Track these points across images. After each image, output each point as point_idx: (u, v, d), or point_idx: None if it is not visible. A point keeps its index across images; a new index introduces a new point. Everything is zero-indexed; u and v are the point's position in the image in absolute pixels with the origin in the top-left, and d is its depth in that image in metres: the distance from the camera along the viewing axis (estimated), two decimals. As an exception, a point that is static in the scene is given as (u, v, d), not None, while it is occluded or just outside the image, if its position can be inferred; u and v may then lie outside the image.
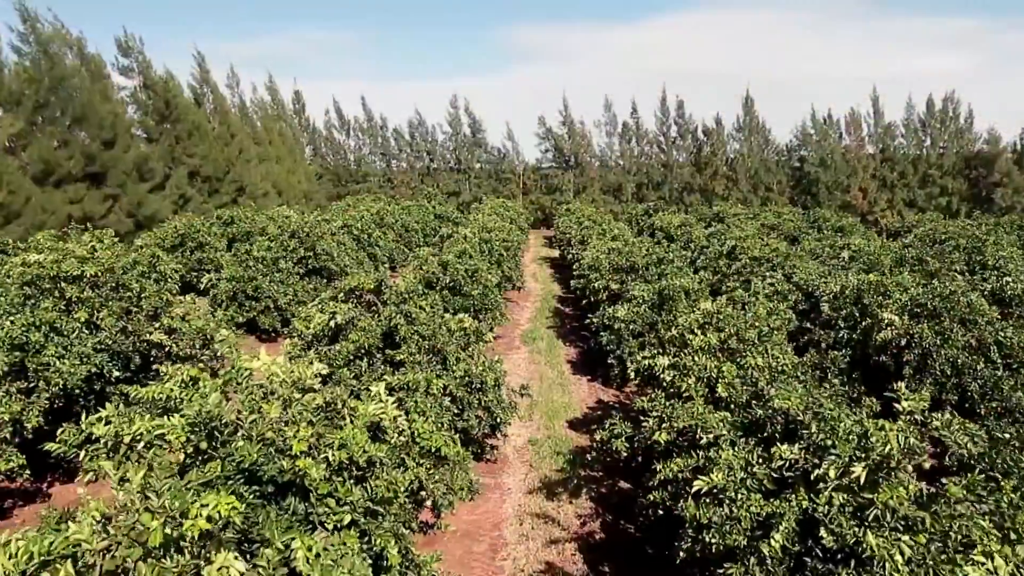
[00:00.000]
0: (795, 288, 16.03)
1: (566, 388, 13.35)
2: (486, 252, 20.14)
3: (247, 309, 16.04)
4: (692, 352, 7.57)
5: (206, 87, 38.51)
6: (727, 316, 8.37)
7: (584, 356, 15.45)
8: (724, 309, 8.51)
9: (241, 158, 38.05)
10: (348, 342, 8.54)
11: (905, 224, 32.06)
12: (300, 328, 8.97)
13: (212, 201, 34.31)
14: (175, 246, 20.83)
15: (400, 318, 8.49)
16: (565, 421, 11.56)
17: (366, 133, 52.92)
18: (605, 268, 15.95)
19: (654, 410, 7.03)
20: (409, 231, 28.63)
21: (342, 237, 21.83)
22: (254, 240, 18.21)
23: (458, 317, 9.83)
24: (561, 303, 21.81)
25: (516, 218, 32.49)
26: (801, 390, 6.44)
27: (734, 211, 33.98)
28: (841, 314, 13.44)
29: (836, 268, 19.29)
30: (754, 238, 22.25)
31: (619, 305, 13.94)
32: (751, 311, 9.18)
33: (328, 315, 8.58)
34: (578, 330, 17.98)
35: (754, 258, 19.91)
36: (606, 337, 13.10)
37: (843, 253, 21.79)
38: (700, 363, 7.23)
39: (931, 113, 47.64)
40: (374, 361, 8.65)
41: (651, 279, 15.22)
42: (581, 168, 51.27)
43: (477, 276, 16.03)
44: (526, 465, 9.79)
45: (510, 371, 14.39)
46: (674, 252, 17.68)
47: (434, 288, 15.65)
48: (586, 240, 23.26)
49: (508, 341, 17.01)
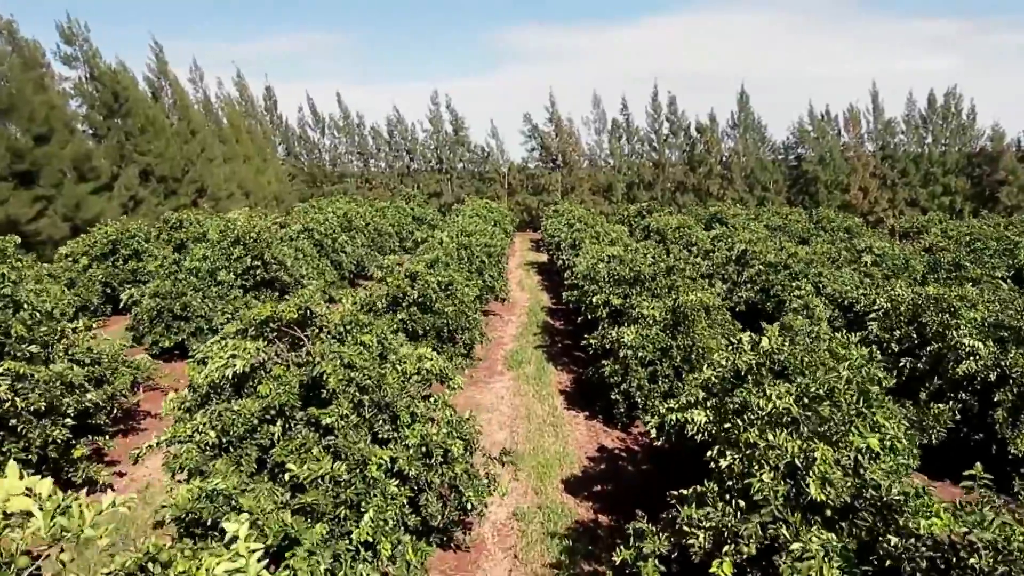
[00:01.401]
0: (828, 301, 13.62)
1: (559, 429, 10.81)
2: (465, 259, 17.58)
3: (175, 331, 13.35)
4: (757, 420, 5.06)
5: (164, 80, 35.59)
6: (796, 361, 5.88)
7: (580, 384, 12.94)
8: (788, 348, 6.01)
9: (203, 157, 35.16)
10: (253, 399, 5.95)
11: (915, 225, 29.82)
12: (193, 377, 6.36)
13: (168, 203, 31.46)
14: (105, 255, 18.10)
15: (329, 363, 5.90)
16: (560, 480, 9.02)
17: (342, 131, 50.17)
18: (603, 278, 13.45)
19: (706, 519, 4.51)
20: (382, 235, 25.99)
21: (302, 243, 19.17)
22: (188, 249, 15.51)
23: (418, 353, 7.27)
24: (551, 316, 19.29)
25: (500, 220, 29.95)
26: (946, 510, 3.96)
27: (733, 212, 31.67)
28: (895, 335, 11.03)
29: (860, 274, 16.93)
30: (766, 241, 19.92)
31: (624, 326, 11.44)
32: (816, 342, 6.70)
33: (225, 359, 5.98)
34: (571, 349, 15.47)
35: (769, 264, 17.51)
36: (609, 367, 10.59)
37: (865, 257, 19.44)
38: (775, 442, 4.71)
39: (932, 109, 45.74)
40: (292, 425, 6.06)
41: (660, 292, 12.74)
42: (569, 167, 48.83)
43: (452, 290, 13.47)
44: (509, 554, 7.22)
45: (491, 406, 11.86)
46: (683, 258, 15.21)
47: (400, 305, 13.09)
48: (578, 244, 20.77)
49: (490, 364, 14.46)
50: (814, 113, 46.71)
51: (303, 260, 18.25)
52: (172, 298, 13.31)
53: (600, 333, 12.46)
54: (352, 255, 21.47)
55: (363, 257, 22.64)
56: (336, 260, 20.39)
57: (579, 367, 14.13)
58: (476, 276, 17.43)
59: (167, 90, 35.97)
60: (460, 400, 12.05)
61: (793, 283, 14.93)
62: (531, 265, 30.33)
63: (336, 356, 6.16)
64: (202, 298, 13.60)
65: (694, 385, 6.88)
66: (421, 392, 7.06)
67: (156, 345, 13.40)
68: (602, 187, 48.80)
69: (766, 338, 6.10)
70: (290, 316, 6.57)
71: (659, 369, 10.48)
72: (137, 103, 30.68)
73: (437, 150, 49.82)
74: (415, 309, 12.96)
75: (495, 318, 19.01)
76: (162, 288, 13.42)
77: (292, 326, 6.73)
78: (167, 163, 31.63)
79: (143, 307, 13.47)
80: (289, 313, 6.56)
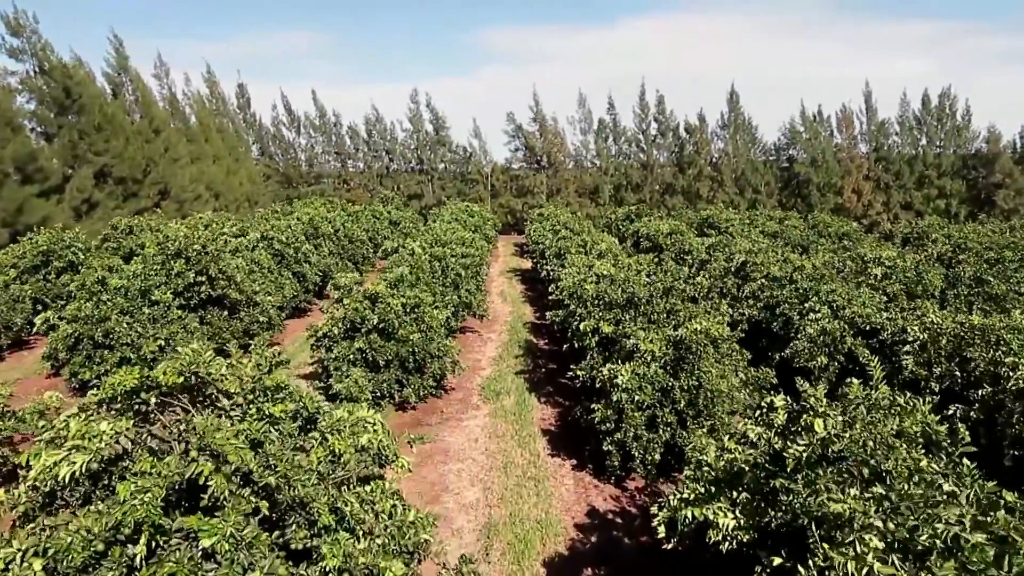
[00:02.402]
0: (847, 326, 12.02)
1: (542, 485, 9.13)
2: (439, 272, 15.85)
3: (97, 361, 11.49)
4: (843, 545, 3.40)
5: (125, 76, 33.49)
6: (863, 451, 4.23)
7: (566, 422, 11.27)
8: (852, 434, 4.35)
9: (167, 156, 33.11)
10: (100, 512, 4.19)
11: (915, 230, 28.48)
12: (29, 474, 4.59)
13: (128, 206, 29.44)
14: (36, 267, 16.19)
15: (206, 464, 4.15)
16: (542, 561, 7.33)
17: (319, 130, 48.19)
18: (591, 298, 11.77)
19: None
20: (354, 242, 24.15)
21: (259, 253, 17.33)
22: (115, 267, 13.66)
23: (354, 420, 5.54)
24: (535, 333, 17.60)
25: (482, 225, 28.22)
26: None
27: (726, 216, 30.14)
28: (934, 373, 9.47)
29: (879, 292, 15.40)
30: (767, 252, 18.37)
31: (616, 360, 9.78)
32: (875, 411, 5.06)
33: (63, 455, 4.22)
34: (556, 375, 13.80)
35: (773, 278, 15.96)
36: (600, 413, 8.91)
37: (873, 269, 17.90)
38: None
39: (927, 110, 44.62)
40: (164, 542, 4.31)
41: (657, 316, 11.09)
42: (554, 168, 47.20)
43: (419, 313, 11.75)
44: None
45: (462, 452, 10.13)
46: (682, 276, 13.57)
47: (359, 331, 11.35)
48: (564, 254, 19.11)
49: (464, 396, 12.74)
50: (806, 114, 45.49)
51: (259, 273, 16.43)
52: (93, 323, 11.45)
53: (589, 364, 10.80)
54: (318, 265, 19.65)
55: (331, 267, 20.82)
56: (299, 272, 18.57)
57: (565, 398, 12.46)
58: (451, 291, 15.72)
59: (128, 86, 33.91)
60: (425, 445, 10.33)
61: (804, 303, 13.34)
62: (514, 272, 28.63)
63: (231, 445, 4.42)
64: (130, 322, 11.75)
65: (713, 468, 5.23)
66: (358, 472, 5.35)
67: (75, 377, 11.54)
68: (588, 189, 47.24)
69: (819, 420, 4.44)
70: (171, 382, 4.83)
71: (659, 415, 8.83)
72: (93, 99, 28.59)
73: (417, 150, 47.99)
74: (376, 336, 11.24)
75: (473, 336, 17.29)
76: (83, 311, 11.56)
77: (177, 395, 5.00)
78: (126, 163, 29.58)
79: (59, 333, 11.61)
80: (169, 378, 4.82)
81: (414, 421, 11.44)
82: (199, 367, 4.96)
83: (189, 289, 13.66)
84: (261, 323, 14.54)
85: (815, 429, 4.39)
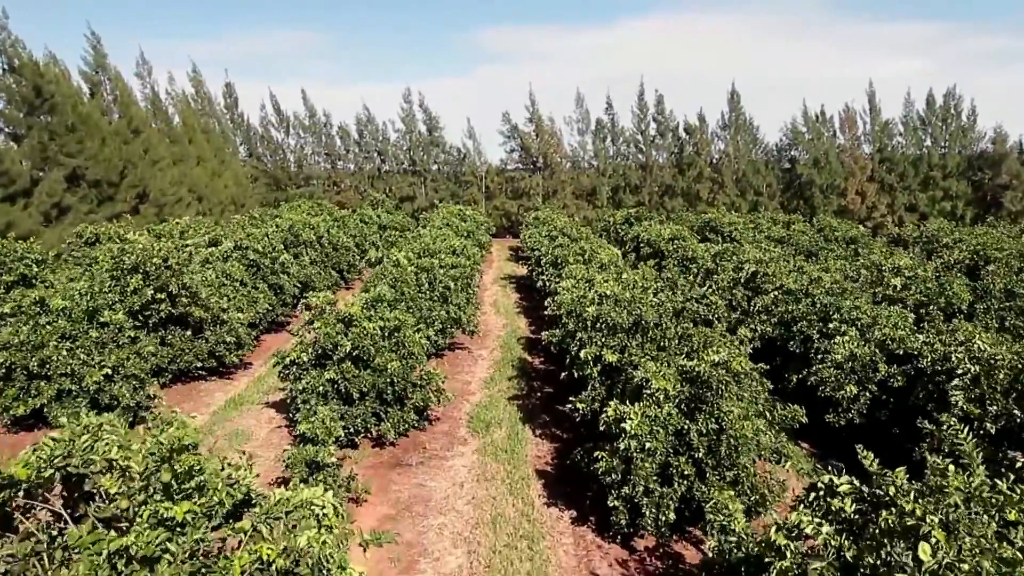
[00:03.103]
0: (878, 350, 10.76)
1: (536, 546, 7.85)
2: (426, 285, 14.58)
3: (31, 394, 10.16)
4: None
5: (103, 74, 32.07)
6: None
7: (564, 461, 9.99)
8: (960, 547, 3.11)
9: (147, 158, 31.71)
10: None
11: (923, 233, 27.30)
12: None
13: (103, 211, 28.04)
14: (-17, 281, 14.84)
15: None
16: (536, 655, 6.06)
17: (308, 131, 46.80)
18: (591, 318, 10.50)
19: None
20: (338, 250, 22.84)
21: (232, 265, 16.02)
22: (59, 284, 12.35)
23: (298, 503, 4.27)
24: (530, 350, 16.32)
25: (475, 230, 26.90)
26: None
27: (728, 220, 28.91)
28: (989, 411, 8.24)
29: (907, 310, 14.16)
30: (779, 262, 17.12)
31: (621, 397, 8.51)
32: (975, 502, 3.82)
33: None
34: (553, 401, 12.52)
35: (788, 291, 14.72)
36: (605, 463, 7.64)
37: (891, 279, 16.70)
38: None
39: (931, 110, 43.47)
40: None
41: (667, 343, 9.82)
42: (551, 170, 45.91)
43: (399, 337, 10.47)
44: None
45: (445, 503, 8.80)
46: (695, 296, 12.30)
47: (330, 359, 10.06)
48: (561, 263, 17.84)
49: (450, 428, 11.45)
50: (808, 114, 44.30)
51: (230, 287, 15.12)
52: (28, 350, 10.12)
53: (590, 396, 9.55)
54: (297, 276, 18.33)
55: (312, 277, 19.50)
56: (276, 283, 17.24)
57: (563, 430, 11.19)
58: (439, 306, 14.44)
59: (107, 85, 32.49)
60: (404, 492, 9.05)
61: (824, 320, 12.08)
62: (509, 280, 27.34)
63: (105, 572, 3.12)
64: (72, 348, 10.42)
65: None
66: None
67: (7, 412, 10.20)
68: (586, 190, 45.95)
69: (924, 545, 3.17)
70: (32, 479, 3.56)
71: (674, 464, 7.56)
72: (66, 98, 27.18)
73: (410, 151, 46.64)
74: (349, 364, 9.94)
75: (463, 354, 16.00)
76: (16, 336, 10.22)
77: (44, 493, 3.72)
78: (101, 165, 28.17)
79: (-10, 362, 10.29)
80: (28, 474, 3.54)
81: (392, 460, 10.14)
82: (72, 457, 3.66)
83: (147, 307, 12.39)
84: (228, 343, 13.26)
85: (920, 557, 3.12)
